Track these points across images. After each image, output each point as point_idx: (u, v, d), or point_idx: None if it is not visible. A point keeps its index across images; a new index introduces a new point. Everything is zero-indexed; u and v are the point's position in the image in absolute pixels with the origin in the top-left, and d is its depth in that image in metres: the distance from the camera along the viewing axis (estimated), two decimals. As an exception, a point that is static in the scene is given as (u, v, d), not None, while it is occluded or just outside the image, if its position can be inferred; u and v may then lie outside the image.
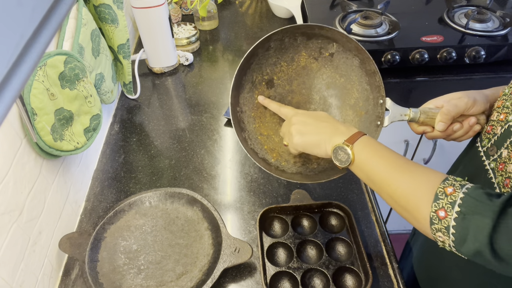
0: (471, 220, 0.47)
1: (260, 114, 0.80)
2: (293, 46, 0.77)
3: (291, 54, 0.78)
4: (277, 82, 0.80)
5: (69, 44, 0.83)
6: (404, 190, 0.54)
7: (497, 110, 0.62)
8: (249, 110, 0.79)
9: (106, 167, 1.03)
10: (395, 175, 0.56)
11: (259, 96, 0.77)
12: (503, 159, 0.57)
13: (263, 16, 1.63)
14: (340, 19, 1.34)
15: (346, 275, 0.78)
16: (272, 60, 0.78)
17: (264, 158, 0.79)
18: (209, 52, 1.44)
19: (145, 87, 1.28)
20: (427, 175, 0.53)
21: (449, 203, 0.49)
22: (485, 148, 0.63)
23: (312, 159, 0.80)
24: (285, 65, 0.79)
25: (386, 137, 1.42)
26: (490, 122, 0.63)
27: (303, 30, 0.74)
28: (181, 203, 0.89)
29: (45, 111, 0.70)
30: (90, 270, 0.76)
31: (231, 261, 0.76)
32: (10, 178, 0.64)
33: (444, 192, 0.50)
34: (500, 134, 0.59)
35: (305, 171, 0.79)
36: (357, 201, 0.93)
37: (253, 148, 0.78)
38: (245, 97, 0.78)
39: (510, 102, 0.59)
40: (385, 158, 0.57)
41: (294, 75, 0.80)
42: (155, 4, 1.16)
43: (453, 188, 0.49)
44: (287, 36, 0.75)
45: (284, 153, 0.80)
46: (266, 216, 0.87)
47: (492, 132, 0.62)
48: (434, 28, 1.29)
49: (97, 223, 0.88)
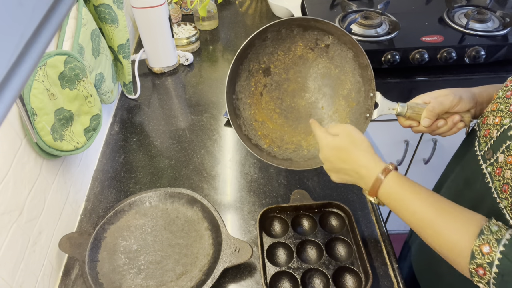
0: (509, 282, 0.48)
1: (256, 101, 0.82)
2: (290, 36, 0.79)
3: (288, 44, 0.80)
4: (274, 71, 0.82)
5: (69, 44, 0.83)
6: (438, 243, 0.55)
7: (493, 114, 0.62)
8: (245, 97, 0.82)
9: (106, 167, 1.03)
10: (423, 227, 0.56)
11: (311, 120, 0.75)
12: (500, 164, 0.58)
13: (263, 16, 1.63)
14: (340, 19, 1.34)
15: (346, 275, 0.78)
16: (269, 50, 0.80)
17: (257, 144, 0.81)
18: (209, 52, 1.44)
19: (145, 87, 1.28)
20: (459, 230, 0.53)
21: (487, 263, 0.50)
22: (482, 152, 0.63)
23: (303, 146, 0.82)
24: (282, 54, 0.81)
25: (386, 137, 1.42)
26: (487, 126, 0.63)
27: (299, 22, 0.76)
28: (181, 203, 0.89)
29: (45, 111, 0.70)
30: (90, 270, 0.76)
31: (231, 261, 0.76)
32: (10, 178, 0.64)
33: (481, 251, 0.50)
34: (496, 138, 0.59)
35: (295, 157, 0.81)
36: (357, 201, 0.93)
37: (247, 134, 0.81)
38: (241, 85, 0.81)
39: (505, 105, 0.59)
40: (408, 209, 0.58)
41: (290, 64, 0.82)
42: (155, 4, 1.16)
43: (489, 247, 0.50)
44: (283, 27, 0.77)
45: (277, 139, 0.83)
46: (266, 216, 0.87)
47: (489, 136, 0.62)
48: (434, 28, 1.29)
49: (97, 223, 0.88)
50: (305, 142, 0.80)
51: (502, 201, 0.57)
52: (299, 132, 0.83)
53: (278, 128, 0.83)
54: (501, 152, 0.57)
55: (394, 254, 0.83)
